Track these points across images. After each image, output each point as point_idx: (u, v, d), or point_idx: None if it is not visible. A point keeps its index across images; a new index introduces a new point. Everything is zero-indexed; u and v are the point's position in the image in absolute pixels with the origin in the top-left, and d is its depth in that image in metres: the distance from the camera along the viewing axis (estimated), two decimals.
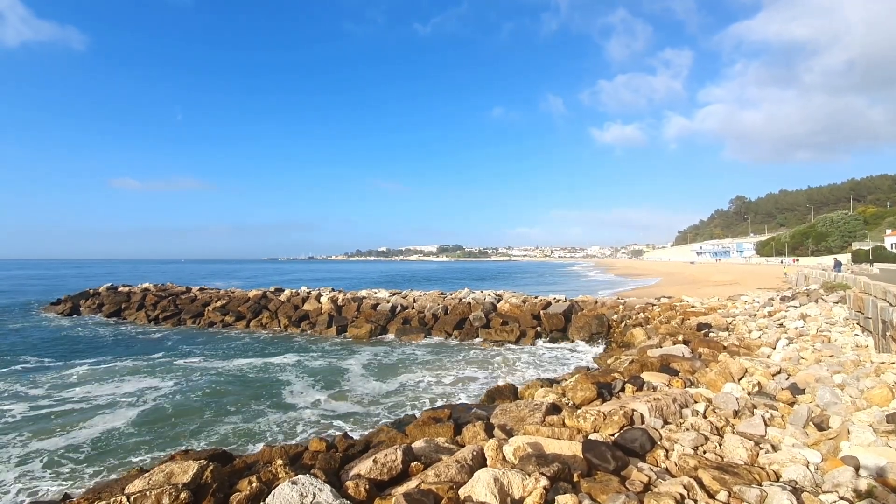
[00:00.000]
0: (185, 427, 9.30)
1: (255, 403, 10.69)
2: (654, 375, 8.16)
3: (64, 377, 13.19)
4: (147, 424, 9.43)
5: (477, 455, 4.96)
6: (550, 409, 6.64)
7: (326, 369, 13.93)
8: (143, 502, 3.98)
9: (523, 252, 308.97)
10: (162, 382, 12.59)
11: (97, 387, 12.21)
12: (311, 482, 4.22)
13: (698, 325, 14.05)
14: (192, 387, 12.11)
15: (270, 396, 11.23)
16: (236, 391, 11.72)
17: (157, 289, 31.17)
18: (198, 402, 10.90)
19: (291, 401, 10.89)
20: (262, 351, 17.04)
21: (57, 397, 11.37)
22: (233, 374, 13.46)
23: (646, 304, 19.90)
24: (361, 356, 15.57)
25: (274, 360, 15.09)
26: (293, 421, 9.54)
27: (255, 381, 12.69)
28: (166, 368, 14.12)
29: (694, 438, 5.18)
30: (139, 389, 11.89)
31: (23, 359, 15.77)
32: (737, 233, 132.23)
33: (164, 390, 11.81)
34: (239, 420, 9.64)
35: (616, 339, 16.16)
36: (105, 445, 8.40)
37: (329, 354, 16.08)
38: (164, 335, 20.95)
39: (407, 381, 12.47)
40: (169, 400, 11.01)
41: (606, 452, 4.66)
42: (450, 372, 13.35)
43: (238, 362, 14.94)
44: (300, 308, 23.04)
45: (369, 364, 14.51)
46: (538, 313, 19.19)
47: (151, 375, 13.30)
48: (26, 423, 9.62)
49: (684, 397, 6.51)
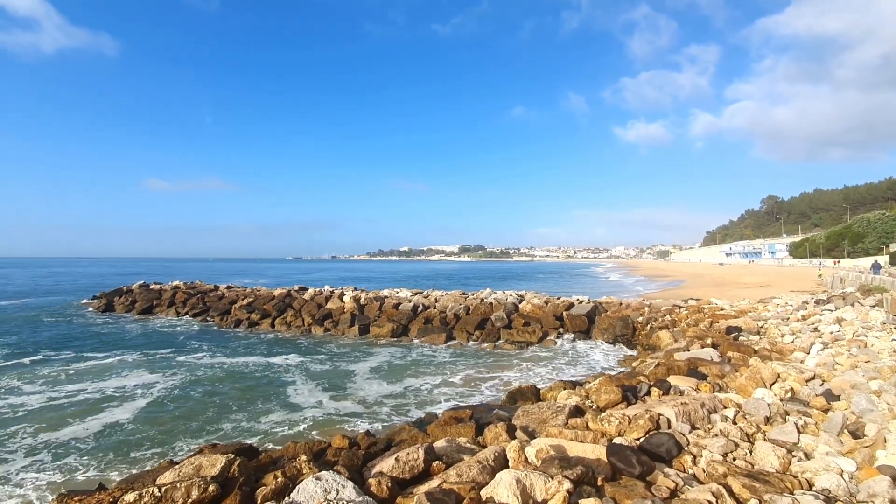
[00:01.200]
0: (194, 422, 9.58)
1: (268, 400, 10.98)
2: (681, 379, 7.97)
3: (84, 369, 13.97)
4: (160, 419, 9.77)
5: (499, 456, 4.93)
6: (573, 412, 6.56)
7: (342, 371, 14.10)
8: (174, 493, 4.10)
9: (545, 252, 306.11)
10: (178, 378, 13.05)
11: (109, 380, 12.88)
12: (334, 478, 4.27)
13: (728, 328, 13.65)
14: (210, 383, 12.50)
15: (277, 395, 11.46)
16: (251, 387, 12.08)
17: (186, 287, 32.10)
18: (217, 398, 11.26)
19: (297, 400, 11.05)
20: (284, 349, 17.35)
21: (75, 388, 12.05)
22: (249, 371, 13.82)
23: (672, 307, 19.46)
24: (380, 356, 15.71)
25: (291, 359, 15.36)
26: (302, 418, 9.74)
27: (265, 379, 13.01)
28: (189, 366, 14.63)
29: (723, 445, 5.03)
30: (149, 383, 12.46)
31: (61, 351, 16.51)
32: (768, 233, 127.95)
33: (181, 386, 12.29)
34: (254, 416, 9.88)
35: (641, 341, 15.85)
36: (108, 437, 8.77)
37: (345, 356, 16.25)
38: (190, 332, 21.59)
39: (422, 383, 12.49)
40: (187, 395, 11.47)
41: (631, 457, 4.57)
42: (470, 373, 13.34)
43: (257, 360, 15.31)
44: (323, 307, 23.37)
45: (386, 364, 14.63)
46: (561, 314, 18.99)
47: (166, 370, 13.82)
48: (52, 410, 10.14)
49: (713, 402, 6.34)
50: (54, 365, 14.63)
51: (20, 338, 19.74)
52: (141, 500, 4.00)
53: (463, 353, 16.15)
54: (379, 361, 14.88)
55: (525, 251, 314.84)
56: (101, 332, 21.33)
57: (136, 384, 12.36)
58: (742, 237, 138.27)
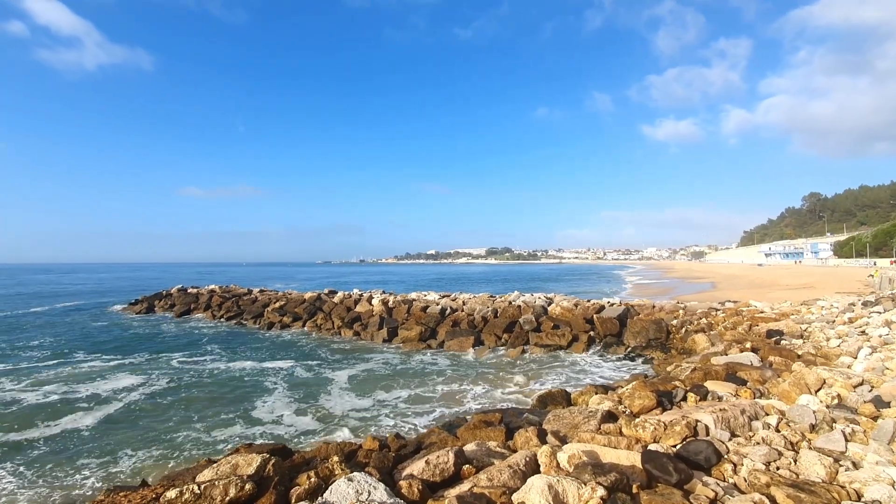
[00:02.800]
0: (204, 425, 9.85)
1: (302, 403, 11.23)
2: (718, 385, 7.69)
3: (117, 366, 14.52)
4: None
5: (530, 461, 4.88)
6: (606, 417, 6.42)
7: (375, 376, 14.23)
8: (212, 491, 4.22)
9: (574, 254, 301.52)
10: (199, 379, 13.57)
11: (129, 378, 13.57)
12: (366, 480, 4.32)
13: (768, 331, 13.10)
14: (237, 383, 12.82)
15: (315, 397, 11.69)
16: (276, 389, 12.39)
17: (221, 290, 33.14)
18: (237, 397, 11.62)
19: (330, 404, 11.22)
20: (311, 353, 17.69)
21: (116, 385, 12.80)
22: (274, 374, 14.16)
23: (708, 309, 18.83)
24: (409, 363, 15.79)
25: (323, 370, 15.61)
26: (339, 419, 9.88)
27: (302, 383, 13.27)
28: (213, 368, 15.12)
29: (766, 453, 4.83)
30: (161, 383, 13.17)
31: (107, 352, 17.35)
32: (811, 232, 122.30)
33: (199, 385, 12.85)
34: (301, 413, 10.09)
35: (675, 345, 15.39)
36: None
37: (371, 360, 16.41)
38: (224, 334, 22.25)
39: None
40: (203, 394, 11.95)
41: (668, 464, 4.43)
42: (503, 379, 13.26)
43: (282, 364, 15.67)
44: (353, 310, 23.69)
45: (409, 371, 14.70)
46: (591, 317, 18.65)
47: (188, 374, 14.32)
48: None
49: (754, 409, 6.09)
50: (95, 362, 15.51)
51: (68, 338, 20.94)
52: (182, 496, 4.14)
53: (490, 361, 16.06)
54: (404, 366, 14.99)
55: (553, 253, 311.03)
56: (141, 335, 22.26)
57: (136, 382, 13.06)
58: (782, 236, 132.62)
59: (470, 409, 10.38)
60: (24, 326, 24.93)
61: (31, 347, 18.77)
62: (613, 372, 13.76)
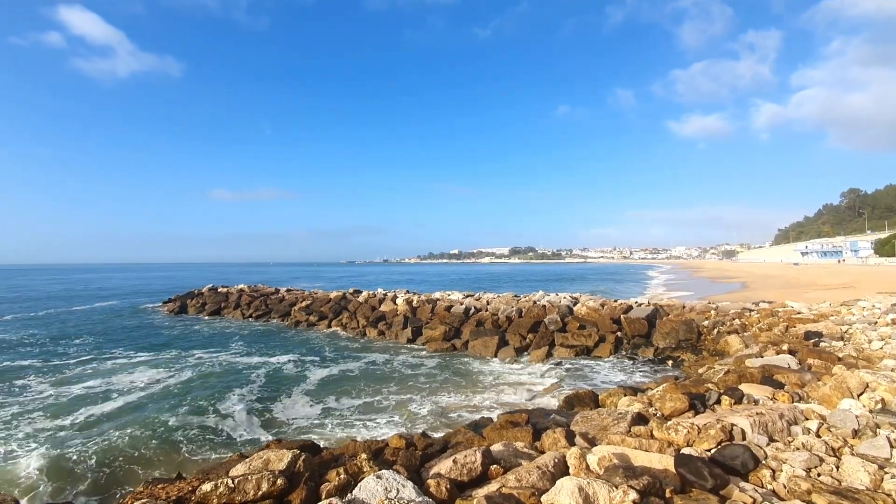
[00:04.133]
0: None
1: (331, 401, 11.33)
2: (754, 388, 7.44)
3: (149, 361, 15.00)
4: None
5: (559, 462, 4.82)
6: (636, 419, 6.28)
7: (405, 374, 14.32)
8: (245, 485, 4.33)
9: (599, 253, 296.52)
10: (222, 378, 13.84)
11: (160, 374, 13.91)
12: (394, 478, 4.34)
13: (806, 333, 12.60)
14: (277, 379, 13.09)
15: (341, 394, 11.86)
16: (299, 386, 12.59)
17: (250, 289, 33.94)
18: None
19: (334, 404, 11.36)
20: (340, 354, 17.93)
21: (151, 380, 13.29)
22: (299, 370, 14.45)
23: (742, 310, 18.23)
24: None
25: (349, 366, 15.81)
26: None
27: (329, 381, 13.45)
28: (241, 365, 15.52)
29: (806, 459, 4.64)
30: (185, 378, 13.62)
31: (143, 350, 18.02)
32: (850, 230, 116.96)
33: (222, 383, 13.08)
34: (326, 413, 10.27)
35: (707, 347, 14.95)
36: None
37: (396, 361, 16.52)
38: (252, 333, 22.78)
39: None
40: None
41: (703, 469, 4.31)
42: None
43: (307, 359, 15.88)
44: (377, 309, 23.90)
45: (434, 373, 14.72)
46: (618, 318, 18.31)
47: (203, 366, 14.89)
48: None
49: (793, 413, 5.86)
50: (131, 359, 16.19)
51: (107, 336, 21.82)
52: (216, 490, 4.25)
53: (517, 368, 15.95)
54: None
55: (578, 252, 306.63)
56: (174, 333, 23.01)
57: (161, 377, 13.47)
58: (820, 234, 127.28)
59: (495, 408, 10.36)
60: (67, 325, 26.09)
61: (74, 344, 19.65)
62: (642, 374, 13.48)
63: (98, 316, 30.17)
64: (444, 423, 9.49)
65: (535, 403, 10.62)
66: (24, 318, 28.96)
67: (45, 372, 14.40)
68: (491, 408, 10.44)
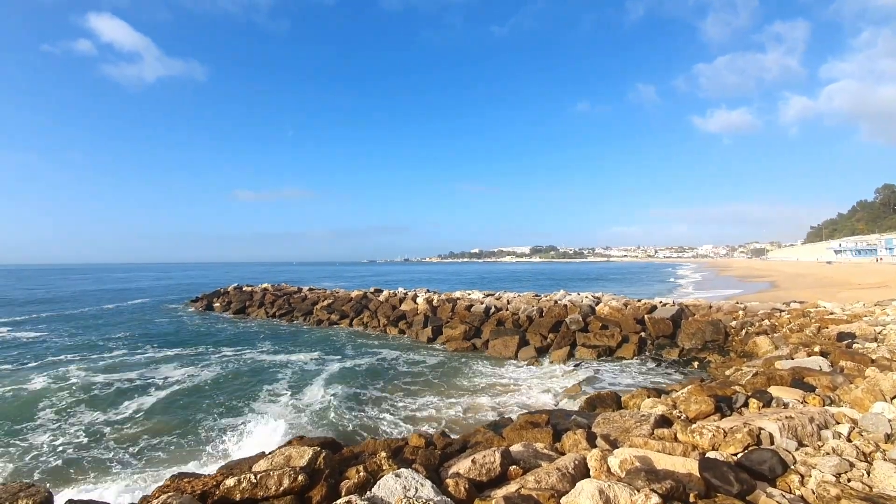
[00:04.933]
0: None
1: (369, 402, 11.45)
2: (783, 390, 7.20)
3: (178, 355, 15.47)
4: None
5: (579, 464, 4.76)
6: (659, 422, 6.16)
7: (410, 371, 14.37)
8: (267, 480, 4.41)
9: (622, 252, 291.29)
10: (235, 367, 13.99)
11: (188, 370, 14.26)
12: (413, 476, 4.36)
13: (839, 334, 12.13)
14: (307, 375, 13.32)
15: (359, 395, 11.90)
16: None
17: (274, 288, 34.57)
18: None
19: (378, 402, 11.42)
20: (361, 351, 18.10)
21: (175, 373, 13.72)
22: (320, 368, 14.59)
23: (771, 310, 17.67)
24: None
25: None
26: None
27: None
28: (265, 362, 15.83)
29: (836, 464, 4.47)
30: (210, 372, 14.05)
31: (172, 346, 18.59)
32: (885, 227, 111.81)
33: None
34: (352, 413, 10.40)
35: (735, 348, 14.55)
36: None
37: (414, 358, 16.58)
38: (276, 331, 23.21)
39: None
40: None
41: (728, 473, 4.19)
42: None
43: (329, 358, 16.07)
44: (398, 308, 24.04)
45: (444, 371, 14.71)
46: (642, 318, 17.97)
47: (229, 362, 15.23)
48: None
49: (823, 417, 5.66)
50: (160, 354, 16.79)
51: (138, 333, 22.59)
52: (240, 485, 4.34)
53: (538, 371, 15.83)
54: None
55: (600, 251, 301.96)
56: (201, 331, 23.63)
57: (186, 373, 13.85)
58: (854, 232, 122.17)
59: (514, 408, 10.30)
60: (99, 322, 27.09)
61: (107, 340, 20.45)
62: (666, 375, 13.21)
63: (130, 314, 31.23)
64: (463, 423, 9.49)
65: (555, 404, 10.51)
66: (60, 316, 30.25)
67: (84, 367, 15.06)
68: (510, 408, 10.39)
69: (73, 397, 11.70)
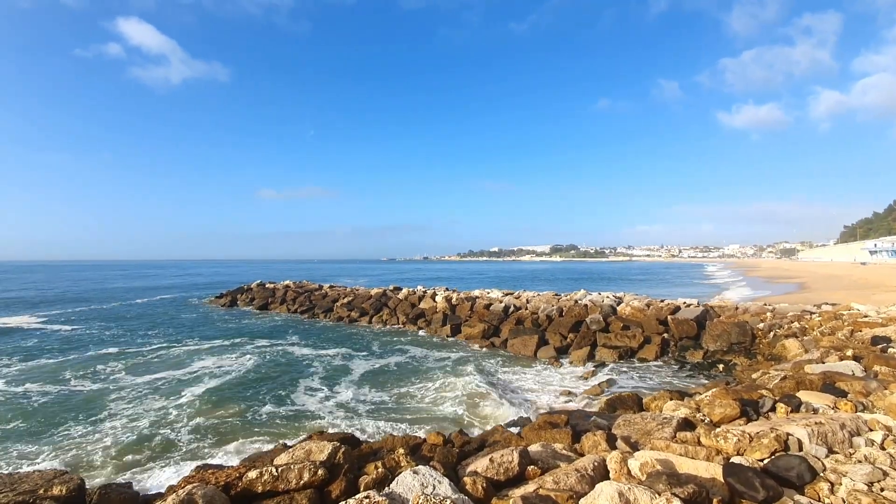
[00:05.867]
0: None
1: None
2: (813, 395, 6.97)
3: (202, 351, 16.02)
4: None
5: (598, 466, 4.70)
6: (682, 425, 6.03)
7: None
8: (288, 473, 4.49)
9: (645, 251, 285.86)
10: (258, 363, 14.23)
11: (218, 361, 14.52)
12: (431, 473, 4.38)
13: (873, 338, 11.68)
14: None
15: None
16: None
17: (295, 286, 35.13)
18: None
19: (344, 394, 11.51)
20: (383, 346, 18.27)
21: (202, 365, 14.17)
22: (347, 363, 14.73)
23: (801, 312, 17.11)
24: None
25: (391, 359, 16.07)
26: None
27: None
28: (286, 357, 16.21)
29: (868, 472, 4.30)
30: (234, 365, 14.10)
31: (199, 340, 19.10)
32: None
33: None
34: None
35: (762, 351, 14.14)
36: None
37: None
38: (297, 327, 23.56)
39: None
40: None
41: (754, 479, 4.08)
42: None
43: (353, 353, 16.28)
44: (417, 306, 24.15)
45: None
46: (665, 318, 17.64)
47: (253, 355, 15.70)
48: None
49: (856, 423, 5.45)
50: (190, 348, 17.25)
51: (167, 327, 23.39)
52: (261, 477, 4.44)
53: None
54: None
55: (622, 250, 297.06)
56: (227, 326, 24.19)
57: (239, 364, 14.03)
58: (890, 231, 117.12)
59: (533, 408, 10.23)
60: (130, 317, 28.03)
61: (138, 335, 21.21)
62: (689, 377, 12.94)
63: (159, 309, 32.28)
64: (481, 422, 9.47)
65: (575, 405, 10.41)
66: (95, 310, 31.45)
67: (122, 359, 15.77)
68: (529, 408, 10.33)
69: (132, 387, 12.32)
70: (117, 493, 4.66)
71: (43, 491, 4.27)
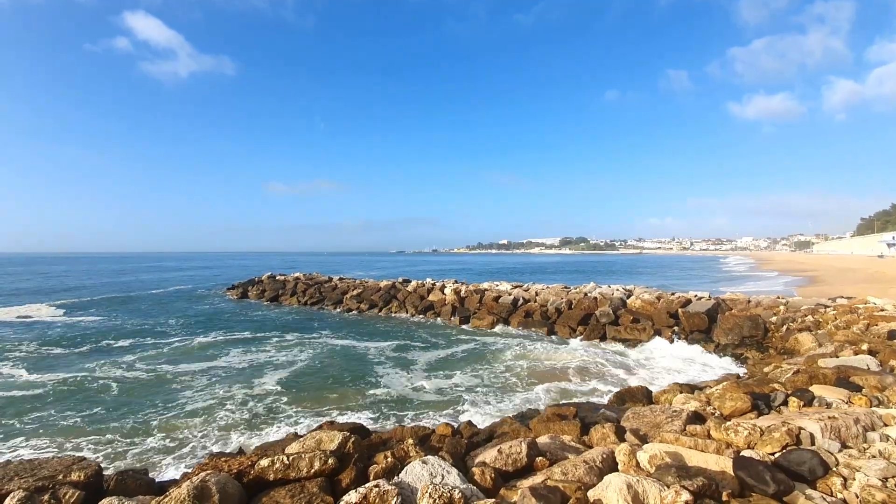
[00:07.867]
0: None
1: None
2: (827, 389, 6.88)
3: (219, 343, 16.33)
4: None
5: (607, 458, 4.70)
6: (692, 418, 6.00)
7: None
8: (299, 462, 4.55)
9: (657, 244, 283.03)
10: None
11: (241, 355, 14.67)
12: (439, 463, 4.41)
13: (890, 332, 11.49)
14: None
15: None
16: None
17: (305, 278, 35.39)
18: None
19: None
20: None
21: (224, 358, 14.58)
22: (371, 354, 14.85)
23: (815, 306, 16.87)
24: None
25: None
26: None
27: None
28: (297, 347, 16.27)
29: (883, 468, 4.25)
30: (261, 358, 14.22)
31: (213, 331, 19.39)
32: None
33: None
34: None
35: (774, 345, 13.99)
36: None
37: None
38: (307, 318, 23.77)
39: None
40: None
41: (764, 473, 4.05)
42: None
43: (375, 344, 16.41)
44: (426, 298, 24.22)
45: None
46: (675, 311, 17.50)
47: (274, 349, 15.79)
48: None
49: (870, 418, 5.38)
50: (205, 339, 17.51)
51: (182, 318, 23.81)
52: (273, 465, 4.50)
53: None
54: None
55: (633, 243, 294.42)
56: (239, 318, 24.47)
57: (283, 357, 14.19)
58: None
59: (541, 399, 10.25)
60: (145, 307, 28.53)
61: (153, 325, 21.61)
62: (700, 370, 12.85)
63: (173, 300, 32.85)
64: (492, 413, 9.52)
65: (583, 397, 10.40)
66: (115, 300, 32.09)
67: (143, 350, 16.23)
68: (537, 399, 10.35)
69: (132, 384, 12.42)
70: (133, 479, 4.77)
71: (62, 476, 4.38)
